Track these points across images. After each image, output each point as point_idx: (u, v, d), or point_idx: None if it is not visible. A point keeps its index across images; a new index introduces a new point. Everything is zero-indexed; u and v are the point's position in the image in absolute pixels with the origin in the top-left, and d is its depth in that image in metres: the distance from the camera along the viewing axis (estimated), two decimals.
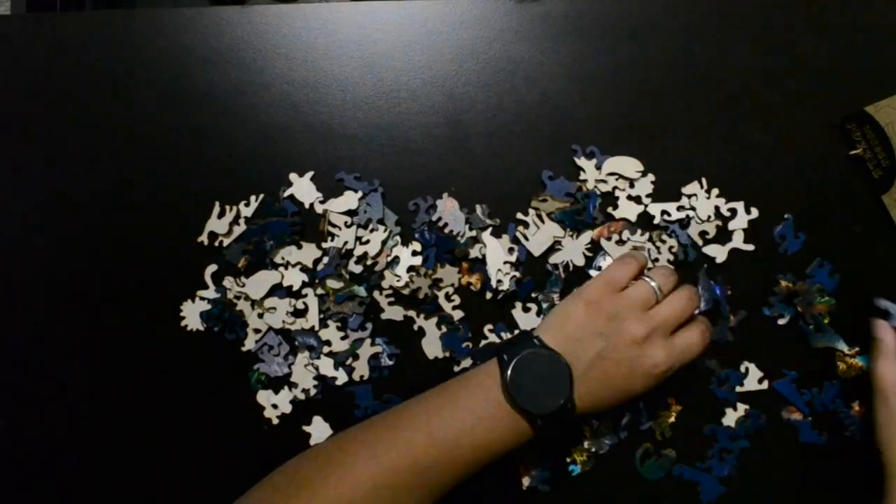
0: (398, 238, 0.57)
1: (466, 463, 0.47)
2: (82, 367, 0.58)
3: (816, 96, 0.58)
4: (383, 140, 0.58)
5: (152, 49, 0.59)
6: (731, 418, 0.57)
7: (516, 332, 0.56)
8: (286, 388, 0.57)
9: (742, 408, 0.57)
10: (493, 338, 0.57)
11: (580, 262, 0.57)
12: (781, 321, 0.57)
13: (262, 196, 0.58)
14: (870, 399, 0.57)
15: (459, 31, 0.59)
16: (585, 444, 0.57)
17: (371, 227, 0.57)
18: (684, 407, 0.57)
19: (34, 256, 0.58)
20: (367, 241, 0.57)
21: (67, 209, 0.58)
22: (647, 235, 0.57)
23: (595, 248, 0.57)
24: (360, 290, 0.57)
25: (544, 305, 0.57)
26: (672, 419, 0.57)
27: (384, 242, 0.57)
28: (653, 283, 0.49)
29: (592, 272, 0.57)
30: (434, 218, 0.57)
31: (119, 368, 0.57)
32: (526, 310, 0.57)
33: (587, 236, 0.57)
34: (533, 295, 0.57)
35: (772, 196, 0.58)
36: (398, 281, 0.56)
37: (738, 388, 0.57)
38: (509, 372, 0.46)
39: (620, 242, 0.57)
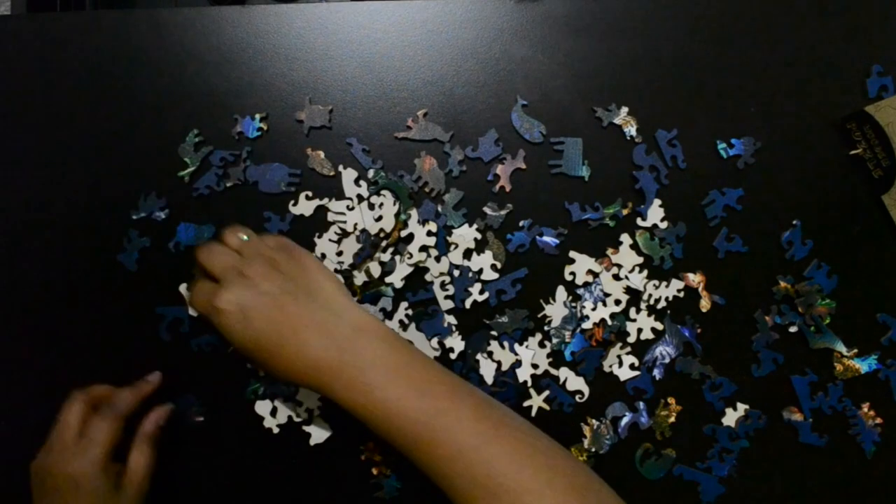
0: (412, 212, 0.57)
1: None
2: (83, 367, 0.58)
3: (816, 96, 0.58)
4: (383, 140, 0.58)
5: (152, 49, 0.59)
6: (731, 418, 0.57)
7: None
8: (290, 403, 0.57)
9: (742, 408, 0.57)
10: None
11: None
12: (792, 329, 0.57)
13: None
14: (872, 400, 0.57)
15: (459, 31, 0.59)
16: (585, 444, 0.57)
17: (381, 200, 0.56)
18: (684, 407, 0.57)
19: (34, 257, 0.58)
20: (380, 218, 0.56)
21: (67, 209, 0.58)
22: (644, 273, 0.57)
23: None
24: (388, 291, 0.56)
25: (555, 340, 0.57)
26: (672, 419, 0.57)
27: (397, 216, 0.56)
28: None
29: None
30: (414, 177, 0.57)
31: (119, 370, 0.57)
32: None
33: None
34: (545, 329, 0.57)
35: (771, 196, 0.58)
36: (410, 259, 0.56)
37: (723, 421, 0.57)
38: None
39: (616, 278, 0.57)
